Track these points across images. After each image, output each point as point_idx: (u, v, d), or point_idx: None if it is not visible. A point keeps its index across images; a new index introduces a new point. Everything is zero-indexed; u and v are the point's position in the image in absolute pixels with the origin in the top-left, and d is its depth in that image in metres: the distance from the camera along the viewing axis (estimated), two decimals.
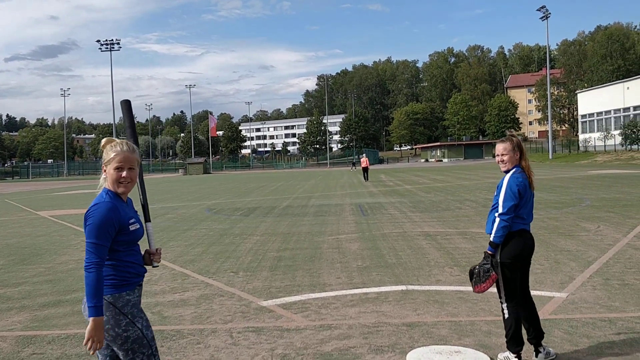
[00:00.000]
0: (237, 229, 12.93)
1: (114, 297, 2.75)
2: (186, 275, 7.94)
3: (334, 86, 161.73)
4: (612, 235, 10.14)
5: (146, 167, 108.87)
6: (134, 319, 2.78)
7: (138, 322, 2.79)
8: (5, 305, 6.60)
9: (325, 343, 4.89)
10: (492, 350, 4.54)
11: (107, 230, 2.71)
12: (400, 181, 33.29)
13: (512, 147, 4.35)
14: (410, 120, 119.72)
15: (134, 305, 2.82)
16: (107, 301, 2.73)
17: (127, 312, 2.76)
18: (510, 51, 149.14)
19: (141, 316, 2.84)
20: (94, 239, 2.69)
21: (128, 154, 2.93)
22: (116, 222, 2.77)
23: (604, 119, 67.93)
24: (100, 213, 2.74)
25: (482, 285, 4.22)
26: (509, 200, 4.20)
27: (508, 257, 4.24)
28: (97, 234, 2.69)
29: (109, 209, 2.77)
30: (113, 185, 2.90)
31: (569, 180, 26.93)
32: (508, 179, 4.27)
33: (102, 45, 74.82)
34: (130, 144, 2.98)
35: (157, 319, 5.82)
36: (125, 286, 2.80)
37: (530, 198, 4.33)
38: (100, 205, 2.78)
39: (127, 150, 2.93)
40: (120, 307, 2.75)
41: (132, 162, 2.93)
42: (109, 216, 2.75)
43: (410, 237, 10.78)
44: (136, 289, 2.89)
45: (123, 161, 2.90)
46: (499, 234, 4.19)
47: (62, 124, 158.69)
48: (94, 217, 2.74)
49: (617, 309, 5.63)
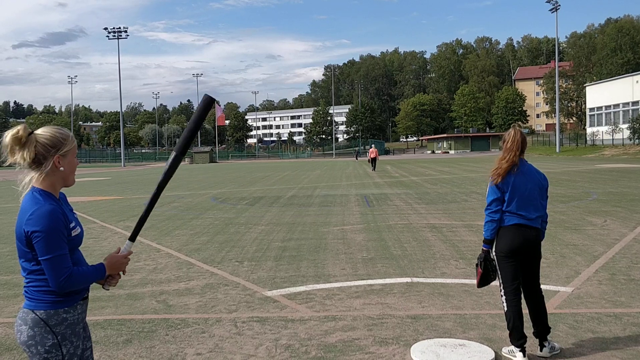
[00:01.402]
0: (242, 219, 12.94)
1: (47, 314, 2.37)
2: (191, 264, 7.97)
3: (341, 76, 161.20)
4: (618, 229, 10.10)
5: (153, 155, 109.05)
6: (62, 342, 2.40)
7: (65, 347, 2.40)
8: (12, 292, 6.64)
9: (329, 334, 4.90)
10: (497, 344, 4.54)
11: (61, 238, 2.33)
12: (406, 172, 33.23)
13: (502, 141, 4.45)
14: (417, 111, 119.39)
15: (70, 325, 2.43)
16: (38, 317, 2.37)
17: (57, 332, 2.39)
18: (519, 43, 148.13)
19: (72, 340, 2.43)
20: (54, 252, 2.30)
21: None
22: (64, 228, 2.37)
23: (612, 113, 67.48)
24: (47, 219, 2.31)
25: (476, 280, 4.48)
26: (490, 195, 4.35)
27: (499, 251, 4.34)
28: (55, 244, 2.31)
29: (54, 212, 2.34)
30: (63, 181, 2.48)
31: (575, 174, 26.81)
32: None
33: (109, 33, 74.67)
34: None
35: (162, 307, 5.85)
36: (62, 302, 2.40)
37: (521, 193, 4.27)
38: (41, 210, 2.32)
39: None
40: (51, 325, 2.37)
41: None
42: (58, 220, 2.35)
43: (415, 228, 10.76)
44: (78, 305, 2.47)
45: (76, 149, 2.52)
46: (485, 228, 4.37)
47: (69, 111, 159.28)
48: (42, 226, 2.30)
49: (623, 304, 5.61)
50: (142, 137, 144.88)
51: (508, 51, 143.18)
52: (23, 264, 2.43)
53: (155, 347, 4.69)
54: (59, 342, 2.39)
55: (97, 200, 18.69)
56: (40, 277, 2.39)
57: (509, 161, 4.27)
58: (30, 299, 2.42)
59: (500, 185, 4.27)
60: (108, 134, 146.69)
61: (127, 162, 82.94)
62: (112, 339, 4.91)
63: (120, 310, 5.77)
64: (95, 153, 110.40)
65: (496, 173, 4.29)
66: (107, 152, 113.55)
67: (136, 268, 7.79)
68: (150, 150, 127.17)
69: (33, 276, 2.40)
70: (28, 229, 2.31)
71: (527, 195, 4.28)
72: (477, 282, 4.47)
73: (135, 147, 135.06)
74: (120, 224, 12.57)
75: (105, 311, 5.75)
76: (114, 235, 10.71)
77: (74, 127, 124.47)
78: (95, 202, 18.09)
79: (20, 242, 2.37)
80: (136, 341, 4.84)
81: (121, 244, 9.92)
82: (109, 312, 5.71)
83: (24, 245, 2.36)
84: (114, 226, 12.07)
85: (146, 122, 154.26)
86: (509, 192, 4.26)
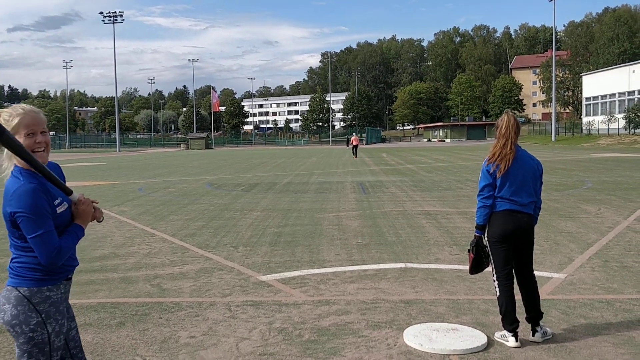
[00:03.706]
0: (237, 205, 12.93)
1: (30, 291, 2.37)
2: (186, 249, 7.96)
3: (338, 64, 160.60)
4: (612, 218, 10.13)
5: (148, 141, 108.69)
6: (47, 320, 2.39)
7: (50, 325, 2.40)
8: (5, 275, 6.62)
9: (323, 318, 4.91)
10: (489, 329, 4.56)
11: (45, 215, 2.31)
12: (402, 160, 33.24)
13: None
14: (414, 99, 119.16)
15: (54, 303, 2.42)
16: (21, 294, 2.36)
17: (41, 309, 2.38)
18: (516, 32, 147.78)
19: (57, 318, 2.43)
20: (39, 229, 2.29)
21: (34, 114, 2.42)
22: (48, 205, 2.34)
23: (608, 102, 67.47)
24: (28, 198, 2.28)
25: (468, 265, 4.53)
26: (481, 181, 4.37)
27: (491, 236, 4.37)
28: (39, 222, 2.29)
29: (35, 191, 2.31)
30: (40, 158, 2.40)
31: (571, 163, 26.86)
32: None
33: (105, 17, 74.05)
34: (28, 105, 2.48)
35: (156, 291, 5.85)
36: (46, 281, 2.40)
37: (514, 178, 4.26)
38: (21, 190, 2.30)
39: (30, 111, 2.42)
40: (35, 303, 2.37)
41: (42, 124, 2.45)
42: (40, 198, 2.32)
43: (410, 215, 10.78)
44: (61, 284, 2.47)
45: (32, 124, 2.40)
46: (478, 214, 4.39)
47: (64, 96, 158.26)
48: (24, 207, 2.28)
49: (615, 290, 5.64)
50: (138, 122, 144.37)
51: (505, 40, 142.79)
52: (12, 241, 2.44)
53: (149, 329, 4.70)
54: (44, 320, 2.39)
55: (93, 185, 18.65)
56: (27, 254, 2.39)
57: (507, 146, 4.26)
58: (15, 276, 2.42)
59: (493, 171, 4.26)
60: (103, 119, 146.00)
61: (122, 147, 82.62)
62: (106, 321, 4.91)
63: (113, 294, 5.77)
64: (90, 138, 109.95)
65: (499, 159, 4.26)
66: (102, 138, 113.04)
67: (130, 252, 7.78)
68: (146, 135, 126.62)
69: (20, 252, 2.41)
70: (11, 210, 2.31)
71: (519, 181, 4.28)
72: (470, 267, 4.49)
73: (130, 132, 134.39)
74: (115, 208, 12.54)
75: (98, 294, 5.75)
76: (109, 220, 10.69)
77: (69, 112, 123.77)
78: (90, 187, 18.03)
79: (6, 222, 2.37)
80: (129, 324, 4.84)
81: (115, 228, 9.93)
82: (103, 296, 5.70)
83: (11, 226, 2.37)
84: (109, 210, 12.04)
85: (141, 108, 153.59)
86: (501, 178, 4.25)
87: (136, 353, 4.21)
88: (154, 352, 4.22)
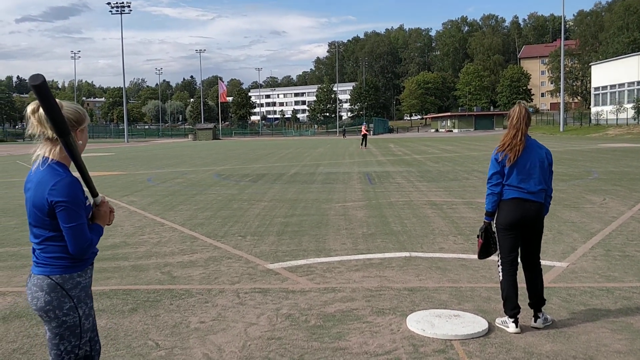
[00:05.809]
0: (245, 195, 13.08)
1: (62, 278, 2.52)
2: (195, 238, 8.12)
3: (345, 54, 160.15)
4: (617, 208, 10.20)
5: (155, 131, 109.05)
6: (78, 304, 2.56)
7: (81, 309, 2.57)
8: (20, 263, 6.80)
9: (328, 305, 5.05)
10: (490, 315, 4.68)
11: (83, 208, 2.50)
12: (409, 151, 33.27)
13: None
14: (421, 89, 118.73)
15: (83, 288, 2.59)
16: (54, 282, 2.51)
17: (74, 295, 2.54)
18: (524, 21, 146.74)
19: (86, 302, 2.61)
20: (77, 220, 2.47)
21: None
22: (85, 198, 2.54)
23: (617, 92, 67.05)
24: (72, 190, 2.47)
25: (477, 250, 4.66)
26: (490, 169, 4.48)
27: (498, 223, 4.49)
28: (77, 214, 2.47)
29: (78, 183, 2.52)
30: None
31: (578, 153, 26.83)
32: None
33: (112, 7, 74.21)
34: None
35: (166, 278, 6.00)
36: (75, 267, 2.56)
37: (522, 166, 4.35)
38: (66, 181, 2.48)
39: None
40: (67, 289, 2.52)
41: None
42: (81, 191, 2.51)
43: (416, 205, 10.88)
44: (88, 269, 2.64)
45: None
46: (487, 201, 4.52)
47: (72, 86, 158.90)
48: (68, 197, 2.45)
49: (616, 279, 5.74)
50: (145, 113, 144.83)
51: (514, 29, 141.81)
52: (38, 232, 2.54)
53: (160, 315, 4.85)
54: (75, 304, 2.55)
55: (101, 176, 18.82)
56: (56, 244, 2.51)
57: (517, 137, 4.35)
58: (45, 265, 2.54)
59: (501, 159, 4.36)
60: (111, 110, 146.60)
61: (130, 138, 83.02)
62: (118, 307, 5.07)
63: (125, 281, 5.93)
64: (98, 129, 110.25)
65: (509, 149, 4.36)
66: (110, 128, 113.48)
67: (140, 241, 7.94)
68: (154, 126, 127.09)
69: (49, 242, 2.52)
70: (52, 199, 2.44)
71: (527, 169, 4.36)
72: (478, 252, 4.63)
73: (138, 123, 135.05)
74: (125, 198, 12.72)
75: (110, 282, 5.91)
76: (119, 210, 10.86)
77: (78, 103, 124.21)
78: (99, 177, 18.21)
79: (39, 211, 2.48)
80: (141, 310, 5.00)
81: (125, 218, 10.10)
82: (115, 283, 5.86)
83: (45, 215, 2.48)
84: (118, 200, 12.22)
85: (149, 98, 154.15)
86: (510, 166, 4.35)
87: (148, 337, 4.36)
88: (165, 337, 4.37)
